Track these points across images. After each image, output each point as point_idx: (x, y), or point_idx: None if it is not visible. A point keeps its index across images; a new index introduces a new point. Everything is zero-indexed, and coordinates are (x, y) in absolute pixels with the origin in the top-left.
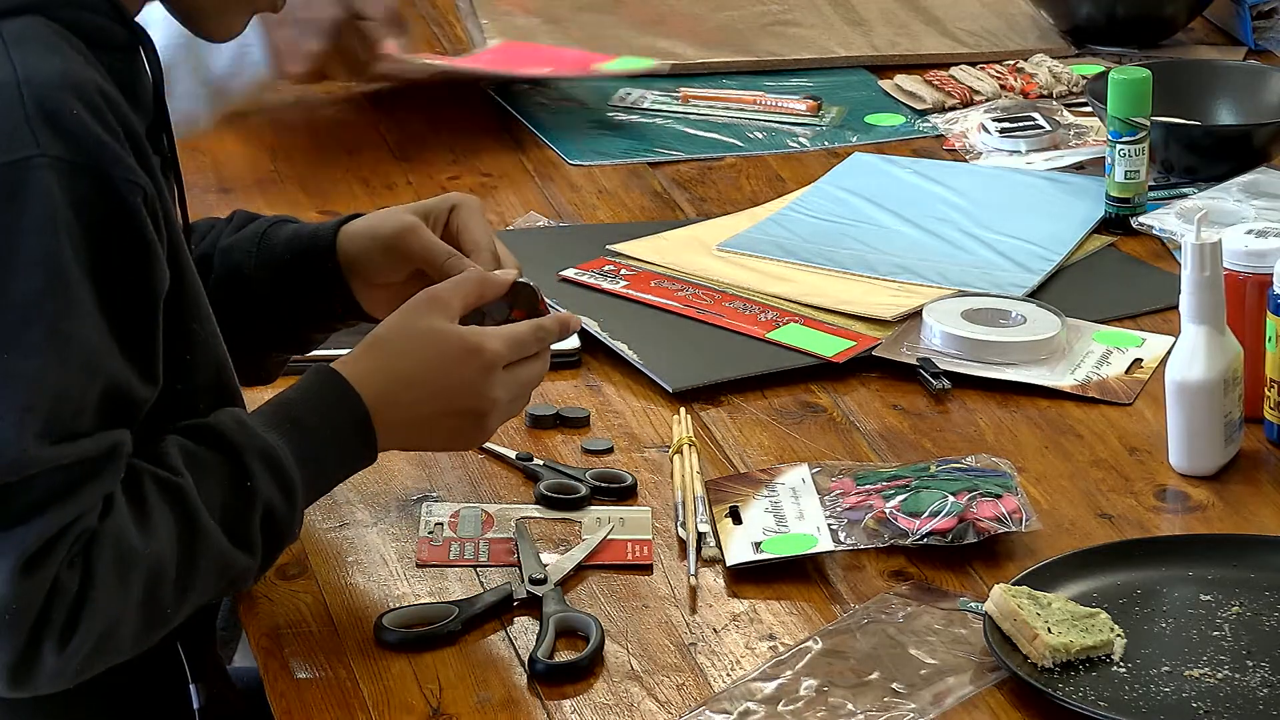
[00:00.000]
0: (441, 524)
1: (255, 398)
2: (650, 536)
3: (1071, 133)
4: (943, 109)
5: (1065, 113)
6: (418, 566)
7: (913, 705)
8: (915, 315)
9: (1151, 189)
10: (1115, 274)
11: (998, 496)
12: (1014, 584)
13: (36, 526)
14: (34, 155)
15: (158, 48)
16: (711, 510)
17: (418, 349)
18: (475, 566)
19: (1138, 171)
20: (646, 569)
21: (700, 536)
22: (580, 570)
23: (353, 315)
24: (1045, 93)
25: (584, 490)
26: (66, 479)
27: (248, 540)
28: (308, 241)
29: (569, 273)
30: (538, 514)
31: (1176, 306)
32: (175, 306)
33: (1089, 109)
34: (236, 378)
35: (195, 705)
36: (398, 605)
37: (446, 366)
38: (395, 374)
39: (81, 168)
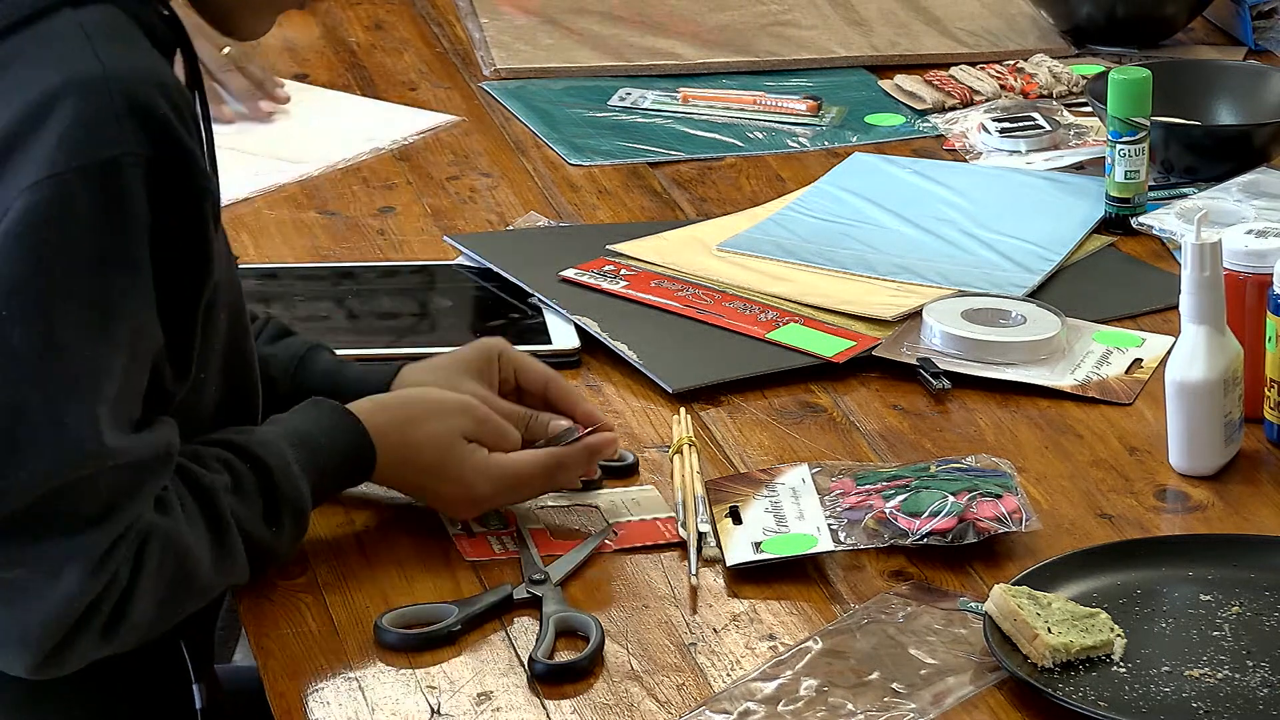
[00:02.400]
0: (466, 519)
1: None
2: (671, 514)
3: (1071, 133)
4: (943, 109)
5: (1065, 113)
6: (468, 561)
7: (913, 705)
8: (915, 315)
9: (1151, 189)
10: (1115, 274)
11: (998, 496)
12: (1014, 584)
13: (107, 528)
14: (124, 154)
15: None
16: (711, 510)
17: (427, 448)
18: (519, 559)
19: (1138, 171)
20: (679, 546)
21: (700, 536)
22: (588, 566)
23: None
24: (1045, 93)
25: (597, 471)
26: (131, 478)
27: (251, 566)
28: (353, 388)
29: (569, 273)
30: (552, 502)
31: (1176, 306)
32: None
33: (1089, 109)
34: (257, 370)
35: (198, 705)
36: (398, 605)
37: (437, 474)
38: (399, 455)
39: (165, 167)
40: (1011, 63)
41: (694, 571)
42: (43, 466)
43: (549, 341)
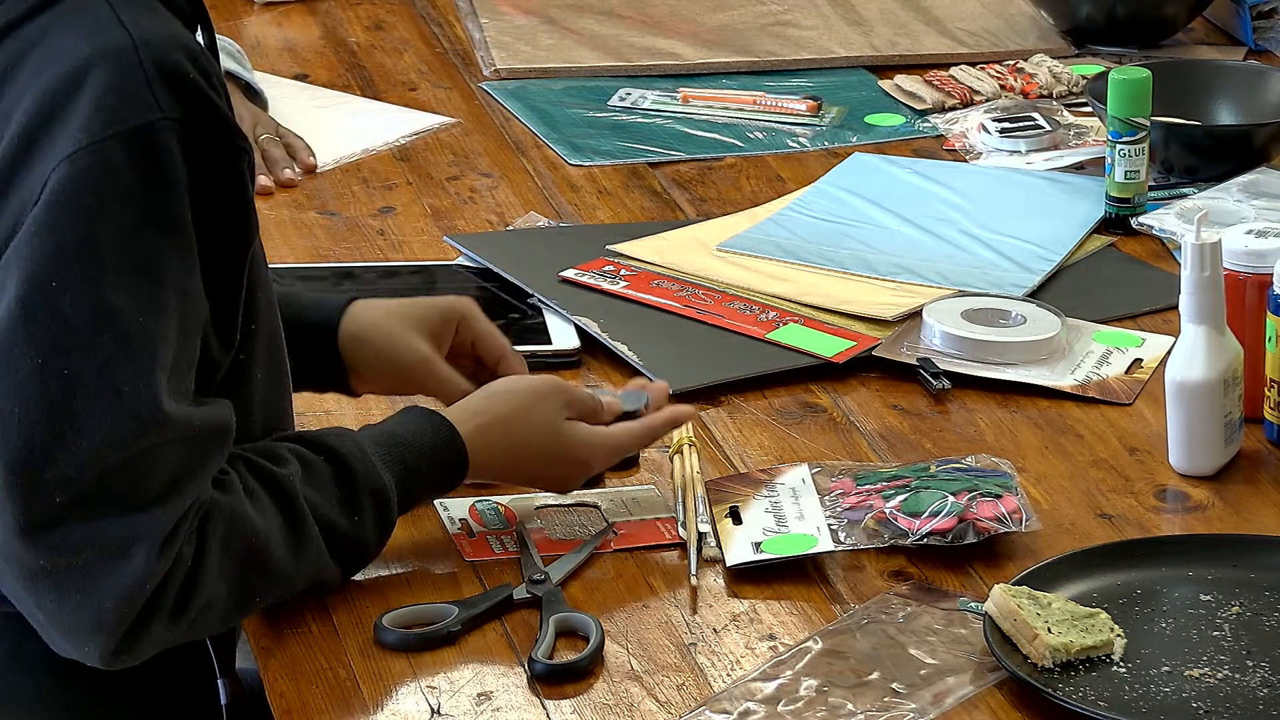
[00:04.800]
0: (466, 520)
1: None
2: (671, 514)
3: (1071, 133)
4: (943, 109)
5: (1065, 113)
6: (467, 561)
7: (913, 705)
8: (915, 315)
9: (1151, 189)
10: (1115, 274)
11: (998, 496)
12: (1014, 584)
13: (172, 505)
14: (158, 119)
15: None
16: (711, 510)
17: (534, 436)
18: (519, 560)
19: (1138, 171)
20: (679, 547)
21: (700, 536)
22: (588, 566)
23: (335, 388)
24: (1045, 93)
25: None
26: (191, 453)
27: (340, 559)
28: (306, 312)
29: (569, 273)
30: (552, 501)
31: (1176, 306)
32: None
33: (1089, 109)
34: (286, 348)
35: (223, 700)
36: (398, 605)
37: (550, 459)
38: (505, 452)
39: (199, 129)
40: (1011, 63)
41: (694, 571)
42: (103, 437)
43: (549, 342)
